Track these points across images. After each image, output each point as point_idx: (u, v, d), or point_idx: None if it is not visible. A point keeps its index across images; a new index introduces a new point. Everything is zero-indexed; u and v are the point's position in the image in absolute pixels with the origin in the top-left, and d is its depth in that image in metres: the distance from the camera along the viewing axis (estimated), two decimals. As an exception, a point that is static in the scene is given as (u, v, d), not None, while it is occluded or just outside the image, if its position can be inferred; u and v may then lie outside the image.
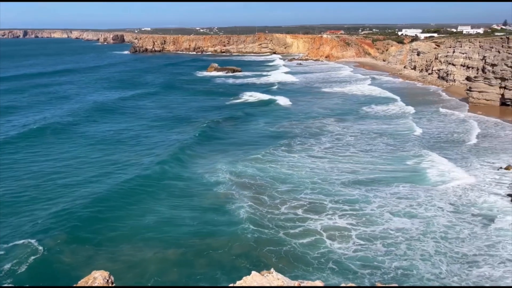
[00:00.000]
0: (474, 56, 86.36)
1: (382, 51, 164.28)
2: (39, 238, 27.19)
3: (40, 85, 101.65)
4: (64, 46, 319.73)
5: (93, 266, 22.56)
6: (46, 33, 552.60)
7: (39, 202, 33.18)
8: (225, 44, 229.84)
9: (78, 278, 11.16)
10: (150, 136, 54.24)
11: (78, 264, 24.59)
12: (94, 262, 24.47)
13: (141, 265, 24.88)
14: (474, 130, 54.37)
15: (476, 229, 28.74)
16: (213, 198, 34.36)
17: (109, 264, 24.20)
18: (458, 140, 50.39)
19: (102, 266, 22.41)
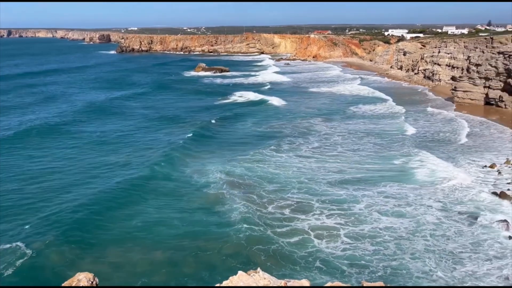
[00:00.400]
0: (459, 56, 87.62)
1: (369, 51, 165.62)
2: (27, 242, 26.89)
3: (26, 85, 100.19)
4: (49, 45, 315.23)
5: (80, 268, 21.96)
6: (31, 33, 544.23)
7: (26, 205, 32.68)
8: (212, 44, 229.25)
9: (65, 280, 11.03)
10: (138, 137, 53.83)
11: (65, 266, 24.35)
12: (81, 264, 24.23)
13: (128, 267, 24.71)
14: (461, 130, 55.06)
15: (463, 227, 29.14)
16: (202, 198, 34.29)
17: (96, 266, 23.95)
18: (445, 139, 51.04)
19: (89, 268, 22.11)
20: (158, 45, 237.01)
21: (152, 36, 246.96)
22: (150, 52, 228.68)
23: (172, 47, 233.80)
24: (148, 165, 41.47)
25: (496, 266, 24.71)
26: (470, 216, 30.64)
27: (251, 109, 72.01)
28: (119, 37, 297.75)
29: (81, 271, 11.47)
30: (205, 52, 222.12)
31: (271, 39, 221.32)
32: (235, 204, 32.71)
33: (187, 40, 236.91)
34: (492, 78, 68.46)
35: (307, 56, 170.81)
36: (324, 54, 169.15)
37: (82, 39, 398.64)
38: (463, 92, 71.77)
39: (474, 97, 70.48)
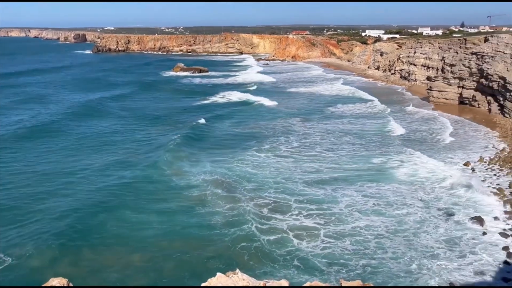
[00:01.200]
0: (434, 56, 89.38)
1: (346, 51, 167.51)
2: (5, 249, 26.28)
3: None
4: (21, 45, 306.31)
5: (57, 272, 21.85)
6: (3, 32, 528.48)
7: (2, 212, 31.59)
8: (191, 44, 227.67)
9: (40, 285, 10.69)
10: (116, 139, 52.70)
11: (41, 271, 23.82)
12: (57, 268, 23.85)
13: (105, 270, 24.27)
14: (443, 129, 55.92)
15: (439, 223, 29.62)
16: (183, 200, 33.93)
17: (72, 270, 23.70)
18: (424, 138, 51.81)
19: (65, 272, 22.30)
20: (136, 45, 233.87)
21: (129, 36, 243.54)
22: (127, 52, 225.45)
23: (150, 47, 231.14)
24: (128, 168, 40.80)
25: (470, 261, 25.20)
26: (446, 213, 31.19)
27: (232, 110, 71.66)
28: (95, 36, 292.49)
29: (57, 275, 11.16)
30: (183, 52, 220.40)
31: (250, 39, 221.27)
32: (217, 207, 32.41)
33: (165, 40, 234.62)
34: (465, 78, 70.02)
35: (286, 56, 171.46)
36: (302, 54, 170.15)
37: (57, 39, 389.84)
38: (438, 92, 73.19)
39: (449, 96, 71.97)
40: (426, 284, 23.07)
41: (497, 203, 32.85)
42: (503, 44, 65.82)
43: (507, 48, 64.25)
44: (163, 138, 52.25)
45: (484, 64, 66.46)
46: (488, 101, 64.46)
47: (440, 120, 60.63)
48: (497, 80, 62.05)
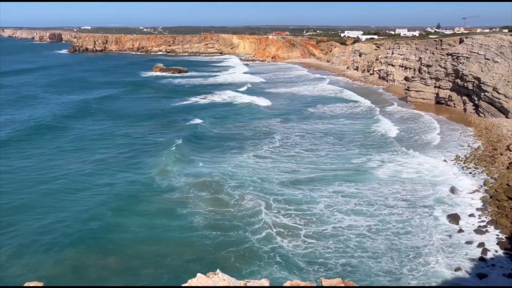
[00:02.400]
0: (411, 57, 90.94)
1: (326, 52, 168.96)
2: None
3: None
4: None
5: (31, 275, 22.01)
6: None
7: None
8: (170, 44, 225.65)
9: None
10: (94, 141, 51.51)
11: (18, 274, 23.36)
12: (34, 271, 23.44)
13: (79, 273, 23.90)
14: (428, 128, 56.78)
15: (417, 221, 29.95)
16: (164, 201, 33.52)
17: (49, 272, 23.41)
18: (406, 138, 52.46)
19: (42, 275, 22.32)
20: (114, 45, 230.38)
21: (107, 36, 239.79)
22: (105, 52, 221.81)
23: (128, 47, 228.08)
24: (106, 171, 40.11)
25: (446, 258, 25.58)
26: (424, 211, 31.58)
27: (213, 111, 71.16)
28: (71, 36, 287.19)
29: (33, 279, 10.79)
30: (163, 52, 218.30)
31: (229, 40, 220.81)
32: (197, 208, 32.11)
33: (144, 40, 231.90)
34: (442, 79, 71.44)
35: (266, 56, 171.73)
36: (282, 55, 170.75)
37: (32, 38, 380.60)
38: (416, 92, 74.44)
39: (426, 96, 73.28)
40: (405, 283, 23.26)
41: (472, 200, 33.50)
42: (477, 45, 67.42)
43: (481, 49, 65.83)
44: (144, 140, 51.52)
45: (459, 64, 67.92)
46: (463, 101, 65.89)
47: (423, 120, 61.46)
48: (472, 80, 63.50)
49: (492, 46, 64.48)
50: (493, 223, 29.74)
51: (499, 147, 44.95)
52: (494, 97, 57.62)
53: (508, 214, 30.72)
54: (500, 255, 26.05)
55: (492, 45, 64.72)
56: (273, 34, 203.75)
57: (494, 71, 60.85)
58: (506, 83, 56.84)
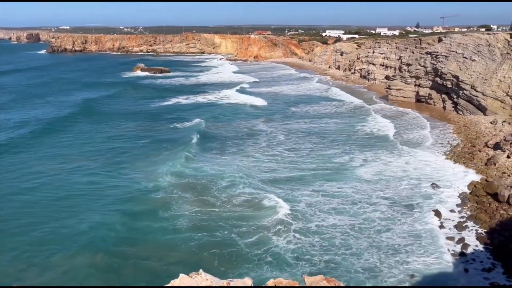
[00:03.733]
0: (392, 56, 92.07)
1: (308, 51, 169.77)
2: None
3: None
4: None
5: (21, 278, 22.03)
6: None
7: None
8: (151, 44, 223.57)
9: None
10: (77, 143, 50.46)
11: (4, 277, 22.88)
12: (22, 274, 23.26)
13: (57, 271, 23.73)
14: (403, 126, 57.63)
15: (399, 218, 30.32)
16: (149, 202, 33.23)
17: (22, 275, 22.97)
18: (389, 136, 52.97)
19: (28, 277, 22.03)
20: (93, 45, 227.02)
21: (86, 36, 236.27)
22: (84, 52, 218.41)
23: (108, 47, 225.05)
24: (90, 173, 39.45)
25: (428, 253, 25.98)
26: (406, 208, 32.01)
27: (197, 110, 70.70)
28: (49, 36, 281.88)
29: (18, 280, 10.57)
30: (144, 53, 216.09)
31: (211, 39, 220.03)
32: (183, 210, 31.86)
33: (124, 40, 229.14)
34: (421, 77, 72.53)
35: (248, 56, 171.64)
36: (265, 54, 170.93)
37: (9, 39, 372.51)
38: (396, 90, 75.42)
39: (407, 95, 74.30)
40: (386, 279, 23.51)
41: (452, 196, 34.12)
42: (455, 44, 68.66)
43: (459, 48, 67.07)
44: (125, 140, 50.87)
45: (438, 63, 69.06)
46: (443, 99, 67.03)
47: (407, 118, 62.29)
48: (450, 78, 64.65)
49: (470, 45, 65.77)
50: (473, 218, 30.35)
51: (478, 144, 45.89)
52: (472, 95, 58.79)
53: (487, 209, 31.42)
54: (480, 249, 26.59)
55: (469, 44, 66.00)
56: (255, 34, 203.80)
57: (471, 69, 62.09)
58: (484, 81, 58.06)
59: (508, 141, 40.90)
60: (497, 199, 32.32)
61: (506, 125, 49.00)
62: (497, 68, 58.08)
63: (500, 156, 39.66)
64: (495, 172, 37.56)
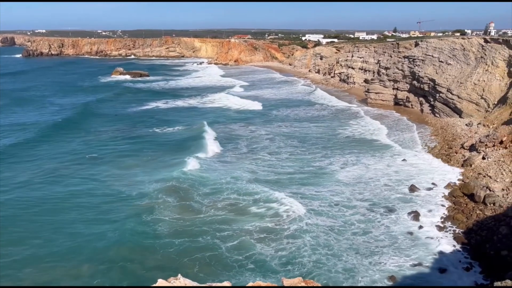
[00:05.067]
0: (370, 60, 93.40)
1: (288, 55, 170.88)
2: None
3: None
4: None
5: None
6: None
7: None
8: (130, 47, 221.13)
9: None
10: (53, 151, 49.29)
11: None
12: None
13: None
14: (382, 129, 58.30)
15: (379, 220, 30.63)
16: (133, 209, 32.63)
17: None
18: (369, 139, 53.63)
19: None
20: (70, 49, 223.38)
21: (63, 39, 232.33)
22: (61, 56, 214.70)
23: (86, 51, 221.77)
24: (66, 181, 38.60)
25: (408, 254, 26.34)
26: (386, 210, 32.36)
27: (178, 114, 70.18)
28: (25, 40, 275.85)
29: None
30: (122, 56, 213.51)
31: (191, 43, 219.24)
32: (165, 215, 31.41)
33: (103, 43, 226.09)
34: (399, 80, 73.81)
35: (228, 60, 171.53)
36: (245, 58, 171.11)
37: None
38: (375, 94, 76.52)
39: (385, 98, 75.46)
40: (364, 281, 23.67)
41: (430, 198, 34.68)
42: (431, 48, 70.17)
43: (435, 52, 68.56)
44: (101, 147, 50.05)
45: (415, 67, 70.43)
46: (420, 102, 68.31)
47: (380, 120, 63.21)
48: (427, 82, 66.00)
49: (445, 49, 67.30)
50: (450, 218, 30.91)
51: (454, 145, 46.87)
52: (448, 98, 60.10)
53: (464, 210, 32.06)
54: (458, 249, 27.10)
55: (445, 48, 67.54)
56: (235, 38, 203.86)
57: (447, 73, 63.53)
58: (459, 85, 59.45)
59: (483, 142, 41.91)
60: (473, 200, 33.01)
61: (481, 127, 50.22)
62: (471, 71, 59.56)
63: (476, 157, 40.59)
64: (471, 173, 38.40)
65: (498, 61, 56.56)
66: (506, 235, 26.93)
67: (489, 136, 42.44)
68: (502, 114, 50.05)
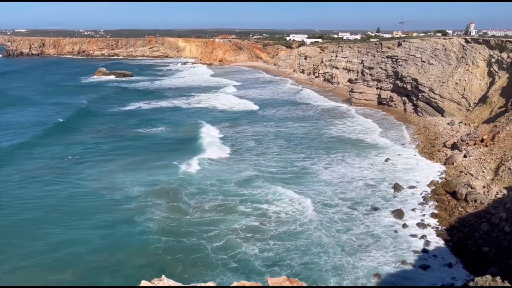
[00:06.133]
0: (354, 60, 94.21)
1: (272, 55, 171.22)
2: None
3: None
4: None
5: None
6: None
7: None
8: (113, 47, 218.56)
9: None
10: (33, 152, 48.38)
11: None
12: None
13: None
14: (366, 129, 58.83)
15: (364, 219, 30.85)
16: (118, 211, 32.21)
17: None
18: (354, 138, 54.01)
19: None
20: (51, 49, 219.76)
21: (44, 39, 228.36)
22: (42, 56, 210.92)
23: (68, 51, 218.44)
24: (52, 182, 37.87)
25: (393, 251, 26.60)
26: (371, 209, 32.63)
27: (162, 115, 69.58)
28: (4, 39, 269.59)
29: None
30: (105, 56, 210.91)
31: (175, 43, 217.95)
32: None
33: (85, 43, 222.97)
34: (383, 80, 74.62)
35: (213, 60, 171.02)
36: (230, 58, 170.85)
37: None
38: (359, 93, 77.20)
39: (369, 97, 76.19)
40: (350, 279, 23.81)
41: (414, 196, 35.13)
42: (414, 48, 71.12)
43: (418, 52, 69.52)
44: (85, 148, 49.29)
45: (398, 67, 71.30)
46: (403, 101, 69.18)
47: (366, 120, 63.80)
48: (410, 81, 66.88)
49: (427, 49, 68.29)
50: (434, 216, 31.36)
51: (437, 144, 47.58)
52: (430, 97, 61.00)
53: (446, 207, 32.56)
54: (441, 246, 27.48)
55: (427, 48, 68.53)
56: (219, 38, 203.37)
57: (429, 72, 64.48)
58: (441, 84, 60.39)
59: (465, 141, 42.63)
60: (455, 197, 33.54)
61: (462, 126, 51.09)
62: (453, 71, 60.57)
63: (458, 155, 41.26)
64: (453, 171, 39.02)
65: (479, 61, 57.65)
66: (487, 231, 27.44)
67: (470, 134, 43.20)
68: (483, 113, 51.04)
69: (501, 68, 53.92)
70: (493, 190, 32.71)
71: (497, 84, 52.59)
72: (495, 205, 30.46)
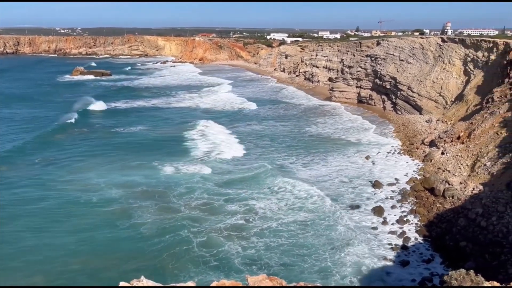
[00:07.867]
0: (334, 59, 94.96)
1: (253, 54, 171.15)
2: None
3: None
4: None
5: None
6: None
7: None
8: (91, 46, 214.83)
9: None
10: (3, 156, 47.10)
11: None
12: None
13: None
14: (346, 127, 59.36)
15: (344, 216, 31.00)
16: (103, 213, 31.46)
17: None
18: (334, 137, 54.35)
19: None
20: (27, 47, 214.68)
21: (19, 37, 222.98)
22: (17, 54, 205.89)
23: (44, 49, 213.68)
24: (21, 184, 36.70)
25: (373, 248, 26.87)
26: (351, 207, 32.88)
27: (143, 114, 68.69)
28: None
29: None
30: (83, 55, 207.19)
31: (154, 42, 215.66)
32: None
33: (61, 41, 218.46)
34: (362, 79, 75.42)
35: (193, 58, 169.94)
36: (210, 57, 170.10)
37: None
38: (339, 92, 77.85)
39: (349, 96, 76.92)
40: (330, 276, 23.94)
41: (393, 193, 35.60)
42: (392, 47, 72.13)
43: (396, 51, 70.54)
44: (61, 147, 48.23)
45: (377, 65, 72.17)
46: (382, 99, 70.09)
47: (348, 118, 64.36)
48: (389, 80, 67.79)
49: (406, 48, 69.36)
50: (413, 212, 31.84)
51: (415, 141, 48.36)
52: (409, 95, 61.97)
53: (425, 204, 33.09)
54: (419, 242, 27.90)
55: (405, 47, 69.60)
56: (199, 36, 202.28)
57: (408, 71, 65.52)
58: (419, 83, 61.42)
59: (442, 138, 43.44)
60: (434, 194, 34.10)
61: (439, 123, 52.08)
62: (430, 70, 61.69)
63: (435, 152, 42.03)
64: (431, 168, 39.72)
65: (455, 60, 58.86)
66: (464, 226, 28.01)
67: (447, 132, 44.06)
68: (459, 110, 52.14)
69: (476, 67, 55.17)
70: (469, 186, 33.40)
71: (472, 82, 53.78)
72: (471, 200, 31.10)
